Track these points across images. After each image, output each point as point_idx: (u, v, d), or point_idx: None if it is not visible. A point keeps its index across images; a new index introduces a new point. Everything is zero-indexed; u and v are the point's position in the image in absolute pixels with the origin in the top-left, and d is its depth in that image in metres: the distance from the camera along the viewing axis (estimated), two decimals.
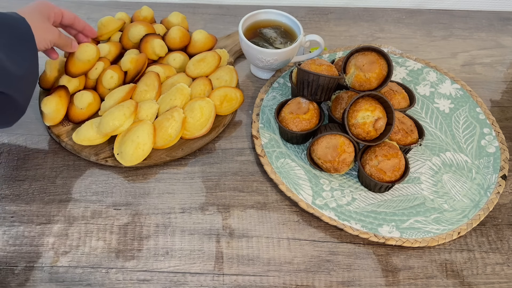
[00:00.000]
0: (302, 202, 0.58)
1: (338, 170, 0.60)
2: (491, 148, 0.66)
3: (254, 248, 0.56)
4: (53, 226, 0.56)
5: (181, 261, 0.54)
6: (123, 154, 0.60)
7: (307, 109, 0.62)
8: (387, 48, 0.79)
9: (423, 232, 0.57)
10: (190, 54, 0.73)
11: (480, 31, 0.89)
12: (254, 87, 0.74)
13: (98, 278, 0.52)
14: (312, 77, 0.60)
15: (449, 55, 0.84)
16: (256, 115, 0.68)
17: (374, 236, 0.56)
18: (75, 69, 0.64)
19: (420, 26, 0.89)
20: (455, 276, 0.55)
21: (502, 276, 0.55)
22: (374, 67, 0.60)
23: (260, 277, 0.53)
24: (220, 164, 0.64)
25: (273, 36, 0.73)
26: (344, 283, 0.53)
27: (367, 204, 0.60)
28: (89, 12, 0.85)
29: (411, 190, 0.62)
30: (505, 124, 0.72)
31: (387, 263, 0.55)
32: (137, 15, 0.75)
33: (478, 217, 0.59)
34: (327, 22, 0.88)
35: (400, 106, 0.66)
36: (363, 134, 0.59)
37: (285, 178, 0.60)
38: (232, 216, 0.58)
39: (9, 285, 0.51)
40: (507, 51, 0.86)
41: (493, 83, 0.79)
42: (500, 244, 0.58)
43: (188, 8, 0.87)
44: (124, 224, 0.57)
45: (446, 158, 0.65)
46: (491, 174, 0.64)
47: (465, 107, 0.71)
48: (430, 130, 0.69)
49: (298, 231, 0.58)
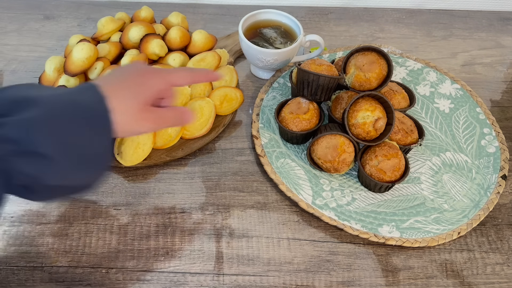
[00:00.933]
0: (302, 202, 0.58)
1: (338, 170, 0.60)
2: (491, 148, 0.66)
3: (254, 248, 0.56)
4: (53, 226, 0.56)
5: (181, 261, 0.54)
6: (123, 154, 0.60)
7: (307, 109, 0.62)
8: (387, 48, 0.79)
9: (423, 232, 0.57)
10: (190, 54, 0.73)
11: (480, 31, 0.89)
12: (254, 87, 0.74)
13: (98, 278, 0.52)
14: (312, 77, 0.60)
15: (449, 55, 0.84)
16: (256, 115, 0.68)
17: (374, 236, 0.56)
18: (73, 67, 0.64)
19: (420, 26, 0.89)
20: (455, 276, 0.55)
21: (502, 276, 0.55)
22: (374, 67, 0.60)
23: (260, 277, 0.53)
24: (220, 164, 0.64)
25: (273, 36, 0.73)
26: (344, 283, 0.53)
27: (367, 204, 0.60)
28: (89, 12, 0.85)
29: (411, 190, 0.62)
30: (505, 124, 0.72)
31: (387, 263, 0.55)
32: (137, 15, 0.75)
33: (478, 217, 0.59)
34: (327, 22, 0.88)
35: (400, 106, 0.66)
36: (363, 134, 0.59)
37: (285, 178, 0.60)
38: (232, 216, 0.58)
39: (9, 285, 0.51)
40: (507, 51, 0.86)
41: (493, 83, 0.79)
42: (500, 244, 0.58)
43: (188, 8, 0.88)
44: (124, 224, 0.57)
45: (446, 158, 0.65)
46: (491, 174, 0.64)
47: (465, 107, 0.71)
48: (430, 130, 0.69)
49: (298, 231, 0.58)
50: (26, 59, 0.75)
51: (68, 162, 0.38)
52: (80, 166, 0.39)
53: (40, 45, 0.78)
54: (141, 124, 0.43)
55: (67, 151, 0.38)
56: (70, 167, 0.38)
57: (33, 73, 0.73)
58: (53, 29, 0.81)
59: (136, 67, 0.46)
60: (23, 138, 0.36)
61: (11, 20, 0.82)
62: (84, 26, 0.82)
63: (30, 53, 0.76)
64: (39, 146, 0.36)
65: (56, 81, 0.66)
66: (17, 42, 0.78)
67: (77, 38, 0.69)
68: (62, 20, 0.83)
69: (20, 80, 0.72)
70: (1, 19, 0.82)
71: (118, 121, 0.40)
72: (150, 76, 0.44)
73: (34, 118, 0.37)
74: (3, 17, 0.83)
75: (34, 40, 0.79)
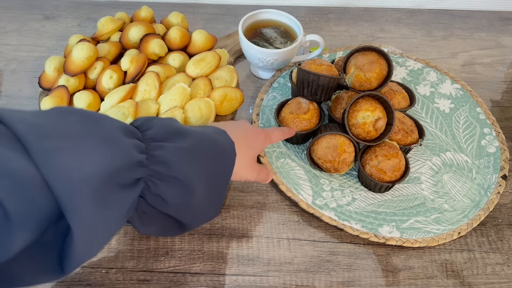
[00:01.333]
0: (302, 202, 0.58)
1: (338, 170, 0.60)
2: (491, 148, 0.66)
3: (254, 248, 0.56)
4: None
5: (181, 261, 0.54)
6: None
7: (307, 109, 0.62)
8: (387, 48, 0.79)
9: (423, 232, 0.57)
10: (190, 54, 0.73)
11: (480, 31, 0.89)
12: (254, 87, 0.74)
13: (98, 278, 0.52)
14: (312, 77, 0.60)
15: (449, 55, 0.83)
16: (256, 115, 0.67)
17: (374, 236, 0.56)
18: (73, 67, 0.64)
19: (420, 26, 0.89)
20: (455, 276, 0.55)
21: (502, 276, 0.55)
22: (374, 67, 0.60)
23: (260, 277, 0.53)
24: None
25: (273, 36, 0.73)
26: (344, 283, 0.53)
27: (367, 204, 0.59)
28: (89, 12, 0.85)
29: (411, 190, 0.62)
30: (505, 124, 0.72)
31: (387, 263, 0.55)
32: (137, 15, 0.75)
33: (478, 217, 0.59)
34: (327, 22, 0.88)
35: (400, 106, 0.66)
36: (363, 134, 0.59)
37: (285, 178, 0.60)
38: (232, 216, 0.58)
39: None
40: (507, 51, 0.86)
41: (493, 83, 0.79)
42: (500, 244, 0.58)
43: (188, 8, 0.87)
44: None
45: (446, 158, 0.65)
46: (491, 174, 0.63)
47: (465, 107, 0.71)
48: (430, 130, 0.69)
49: (298, 231, 0.57)
50: (26, 59, 0.75)
51: (202, 192, 0.42)
52: (206, 200, 0.43)
53: (40, 45, 0.78)
54: (249, 172, 0.51)
55: (205, 182, 0.42)
56: (200, 199, 0.42)
57: (33, 73, 0.73)
58: (53, 29, 0.81)
59: (248, 124, 0.54)
60: (175, 163, 0.39)
61: (11, 20, 0.82)
62: (84, 26, 0.82)
63: (30, 53, 0.76)
64: (186, 175, 0.40)
65: (56, 81, 0.66)
66: (17, 42, 0.78)
67: (77, 38, 0.69)
68: (62, 20, 0.83)
69: (20, 80, 0.72)
70: (1, 19, 0.82)
71: (237, 165, 0.45)
72: (260, 135, 0.53)
73: (188, 147, 0.40)
74: (3, 17, 0.83)
75: (34, 40, 0.79)
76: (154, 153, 0.39)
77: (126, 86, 0.65)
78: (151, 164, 0.38)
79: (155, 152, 0.39)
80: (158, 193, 0.39)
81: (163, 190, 0.39)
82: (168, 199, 0.40)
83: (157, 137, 0.40)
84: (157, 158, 0.38)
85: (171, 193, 0.40)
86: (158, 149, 0.39)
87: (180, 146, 0.40)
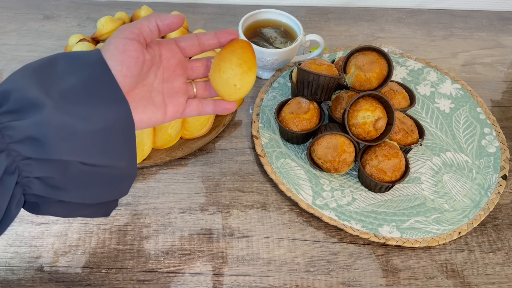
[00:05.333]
0: (302, 202, 0.58)
1: (338, 170, 0.59)
2: (492, 148, 0.66)
3: (254, 248, 0.56)
4: (53, 226, 0.56)
5: (181, 261, 0.54)
6: None
7: (307, 109, 0.62)
8: (387, 48, 0.79)
9: (423, 232, 0.57)
10: None
11: (480, 31, 0.89)
12: (254, 87, 0.74)
13: (98, 278, 0.52)
14: (312, 77, 0.60)
15: (450, 55, 0.83)
16: (256, 115, 0.67)
17: (374, 236, 0.56)
18: None
19: (421, 26, 0.89)
20: (455, 276, 0.55)
21: (503, 276, 0.55)
22: (374, 67, 0.60)
23: (260, 277, 0.53)
24: (220, 164, 0.63)
25: (273, 36, 0.73)
26: (345, 284, 0.53)
27: (367, 204, 0.59)
28: (89, 12, 0.85)
29: (411, 190, 0.61)
30: (505, 124, 0.72)
31: (387, 264, 0.55)
32: (137, 15, 0.75)
33: (479, 217, 0.59)
34: (327, 22, 0.88)
35: (401, 106, 0.66)
36: (363, 134, 0.59)
37: (285, 178, 0.60)
38: (232, 216, 0.58)
39: (8, 285, 0.51)
40: (507, 51, 0.85)
41: (494, 83, 0.79)
42: (501, 244, 0.58)
43: (188, 8, 0.87)
44: (123, 224, 0.56)
45: (447, 158, 0.65)
46: (492, 174, 0.63)
47: (466, 107, 0.71)
48: (430, 130, 0.69)
49: (298, 231, 0.57)
50: (26, 59, 0.75)
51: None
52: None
53: (40, 45, 0.78)
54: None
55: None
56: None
57: None
58: (53, 29, 0.81)
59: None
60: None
61: (10, 20, 0.82)
62: (83, 26, 0.82)
63: (30, 53, 0.76)
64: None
65: None
66: (17, 42, 0.78)
67: (77, 38, 0.69)
68: (62, 20, 0.83)
69: None
70: (1, 19, 0.82)
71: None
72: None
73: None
74: (2, 17, 0.82)
75: (33, 40, 0.79)
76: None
77: None
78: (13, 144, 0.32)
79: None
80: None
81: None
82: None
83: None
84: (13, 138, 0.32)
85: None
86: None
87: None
